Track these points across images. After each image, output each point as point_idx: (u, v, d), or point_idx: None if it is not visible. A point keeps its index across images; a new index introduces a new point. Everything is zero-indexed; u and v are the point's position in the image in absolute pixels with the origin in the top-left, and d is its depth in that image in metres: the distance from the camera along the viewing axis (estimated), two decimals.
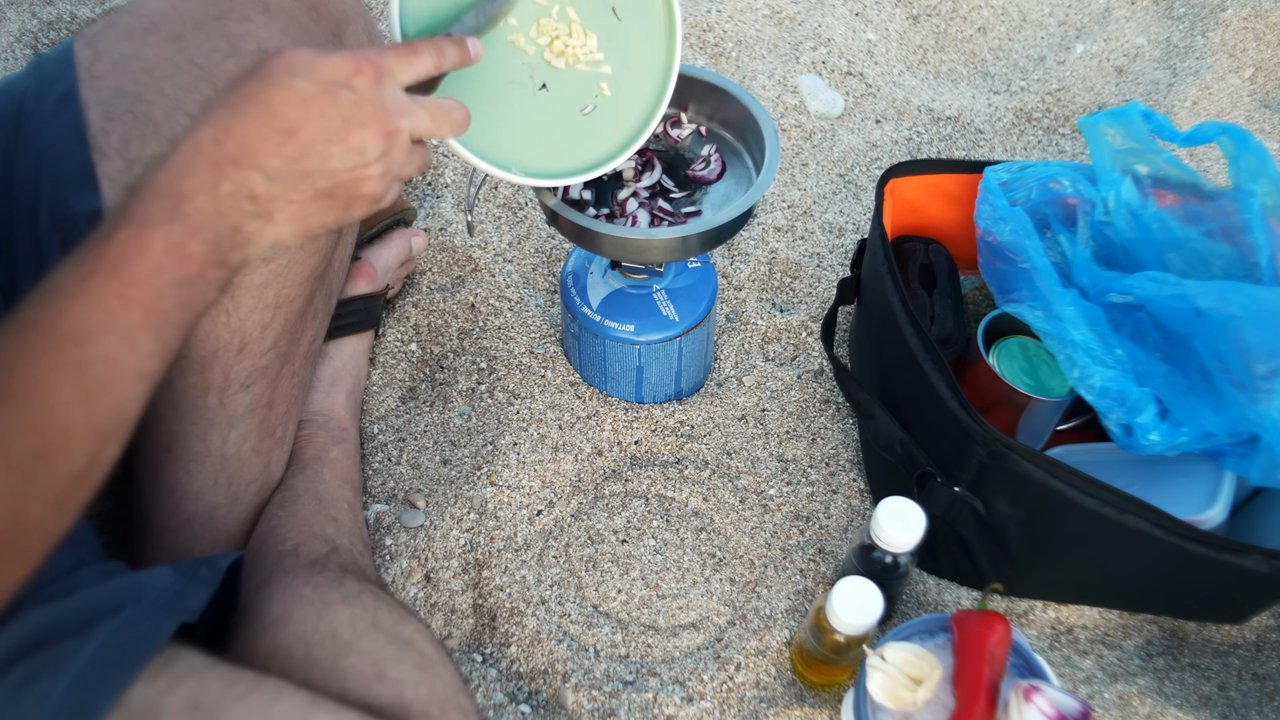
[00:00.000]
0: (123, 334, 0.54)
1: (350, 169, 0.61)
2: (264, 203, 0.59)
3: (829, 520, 1.05)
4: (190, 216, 0.56)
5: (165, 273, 0.55)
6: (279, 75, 0.59)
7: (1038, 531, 0.89)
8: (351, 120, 0.60)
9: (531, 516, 1.03)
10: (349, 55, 0.61)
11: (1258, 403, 0.82)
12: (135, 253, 0.55)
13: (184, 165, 0.57)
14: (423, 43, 0.65)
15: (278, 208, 0.60)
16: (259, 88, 0.58)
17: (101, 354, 0.53)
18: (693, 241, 0.90)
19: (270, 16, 0.80)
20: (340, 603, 0.73)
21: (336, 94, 0.59)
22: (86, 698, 0.56)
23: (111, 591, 0.64)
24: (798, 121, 1.44)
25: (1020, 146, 1.45)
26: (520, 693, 0.93)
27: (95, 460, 0.54)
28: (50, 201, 0.74)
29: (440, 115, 0.65)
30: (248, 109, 0.58)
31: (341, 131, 0.60)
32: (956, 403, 0.87)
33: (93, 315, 0.53)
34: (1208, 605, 0.95)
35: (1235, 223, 0.93)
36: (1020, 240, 0.94)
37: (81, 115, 0.75)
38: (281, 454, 0.92)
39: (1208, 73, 1.49)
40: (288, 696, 0.61)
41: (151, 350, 0.55)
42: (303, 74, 0.59)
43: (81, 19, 1.46)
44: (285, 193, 0.59)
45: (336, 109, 0.59)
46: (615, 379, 1.10)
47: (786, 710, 0.91)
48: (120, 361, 0.54)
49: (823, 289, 1.25)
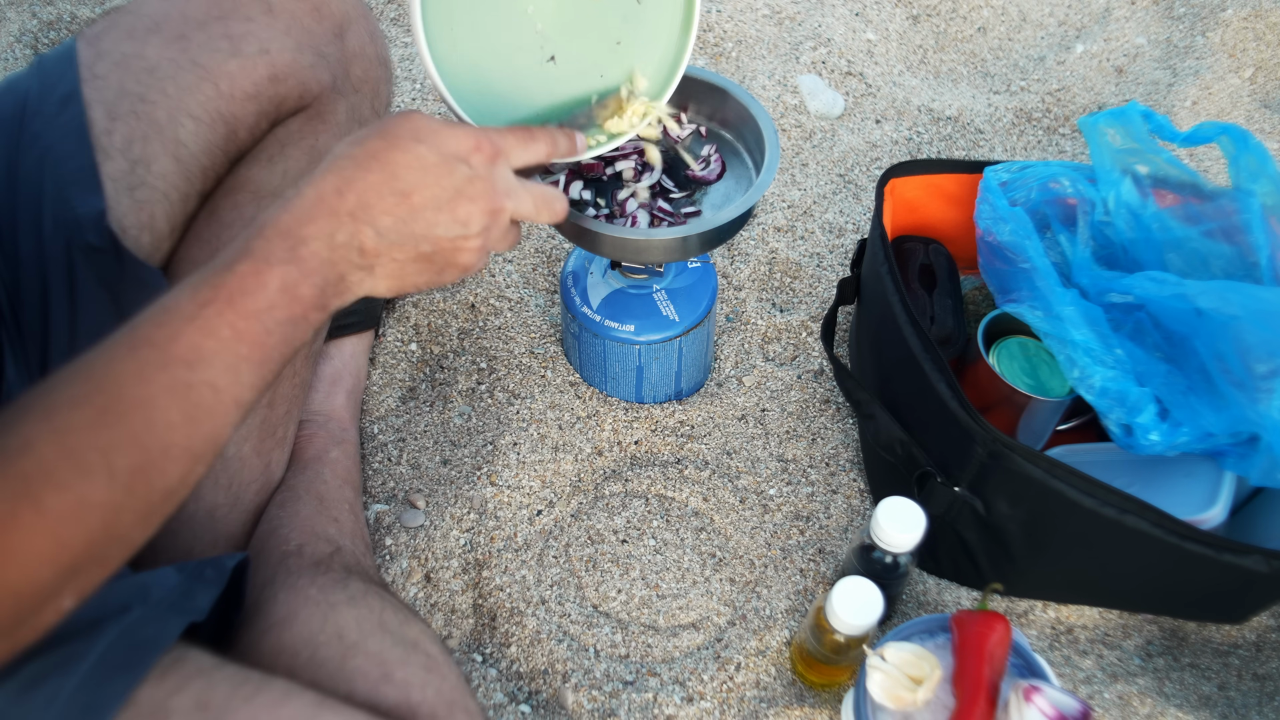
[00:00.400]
0: (230, 363, 0.56)
1: (452, 238, 0.64)
2: (370, 256, 0.62)
3: (829, 520, 1.05)
4: (305, 260, 0.59)
5: (276, 310, 0.58)
6: (405, 140, 0.62)
7: (1038, 531, 0.90)
8: (462, 194, 0.63)
9: (531, 516, 1.03)
10: (471, 131, 0.64)
11: (1258, 403, 0.82)
12: (253, 287, 0.57)
13: (306, 210, 0.60)
14: (539, 130, 0.69)
15: (380, 263, 0.62)
16: (384, 147, 0.61)
17: (209, 380, 0.55)
18: (693, 241, 0.90)
19: (273, 17, 0.80)
20: (346, 603, 0.73)
21: (454, 167, 0.63)
22: (95, 698, 0.56)
23: (118, 592, 0.64)
24: (798, 121, 1.44)
25: (1020, 146, 1.45)
26: (520, 693, 0.93)
27: (186, 479, 0.56)
28: (54, 202, 0.74)
29: (543, 204, 0.69)
30: (371, 166, 0.61)
31: (452, 202, 0.63)
32: (956, 403, 0.87)
33: (205, 341, 0.55)
34: (1208, 605, 0.95)
35: (1235, 223, 0.93)
36: (1020, 240, 0.94)
37: (84, 115, 0.75)
38: (282, 454, 0.92)
39: (1208, 73, 1.49)
40: (295, 697, 0.61)
41: (251, 382, 0.57)
42: (427, 141, 0.62)
43: (82, 19, 1.46)
44: (390, 250, 0.62)
45: (451, 180, 0.62)
46: (615, 379, 1.10)
47: (786, 710, 0.91)
48: (224, 389, 0.56)
49: (823, 289, 1.25)
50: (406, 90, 1.45)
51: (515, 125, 0.67)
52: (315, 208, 0.60)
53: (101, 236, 0.74)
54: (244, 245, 0.59)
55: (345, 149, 0.62)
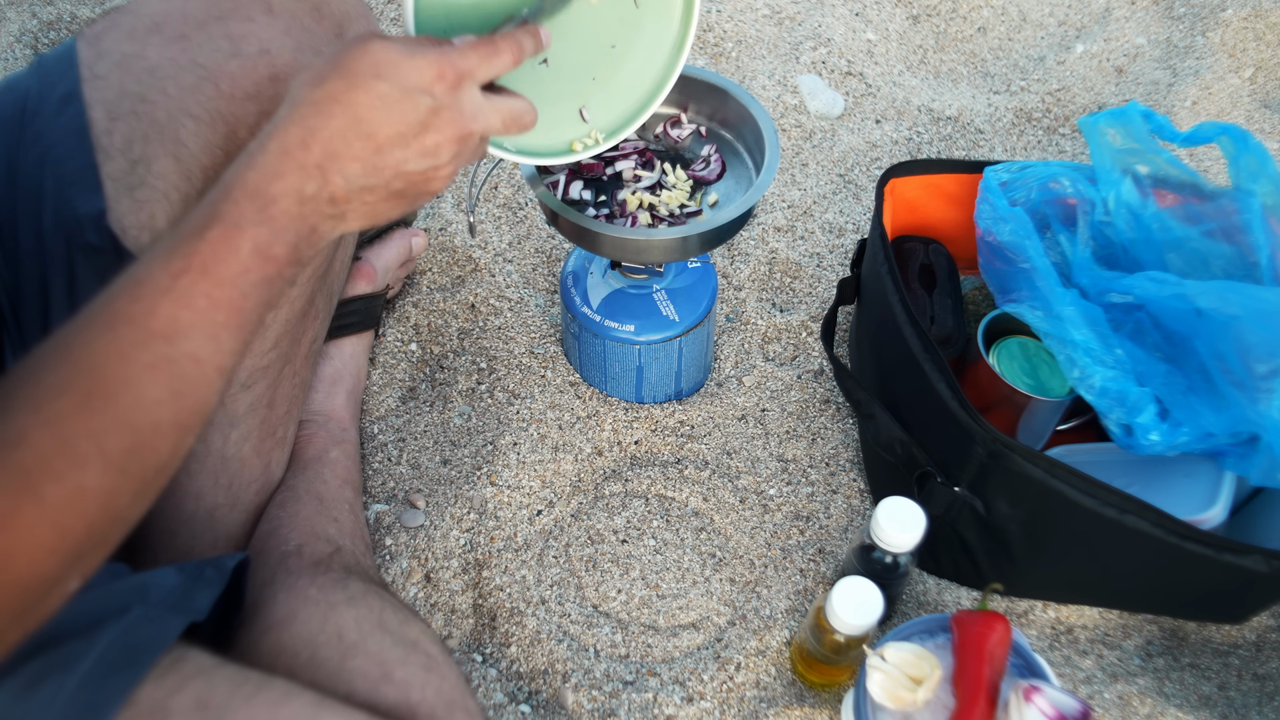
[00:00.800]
0: (209, 332, 0.56)
1: (423, 170, 0.63)
2: (341, 204, 0.61)
3: (829, 520, 1.05)
4: (276, 219, 0.58)
5: (251, 273, 0.57)
6: (364, 77, 0.60)
7: (1038, 531, 0.90)
8: (428, 126, 0.62)
9: (531, 516, 1.03)
10: (432, 58, 0.62)
11: (1258, 403, 0.82)
12: (225, 254, 0.56)
13: (273, 167, 0.59)
14: (502, 39, 0.67)
15: (352, 208, 0.62)
16: (343, 88, 0.60)
17: (189, 352, 0.55)
18: (693, 241, 0.90)
19: (273, 17, 0.80)
20: (346, 603, 0.73)
21: (417, 100, 0.61)
22: (95, 697, 0.56)
23: (118, 592, 0.64)
24: (798, 121, 1.44)
25: (1020, 146, 1.45)
26: (520, 693, 0.93)
27: (176, 453, 0.56)
28: (54, 201, 0.74)
29: (512, 119, 0.68)
30: (333, 110, 0.59)
31: (419, 136, 0.62)
32: (956, 403, 0.87)
33: (182, 313, 0.55)
34: (1208, 605, 0.95)
35: (1235, 223, 0.93)
36: (1020, 240, 0.94)
37: (85, 115, 0.75)
38: (282, 454, 0.92)
39: (1208, 73, 1.49)
40: (296, 697, 0.61)
41: (232, 348, 0.57)
42: (388, 76, 0.60)
43: (81, 19, 1.46)
44: (361, 194, 0.62)
45: (416, 114, 0.61)
46: (615, 379, 1.10)
47: (786, 710, 0.91)
48: (205, 359, 0.56)
49: (823, 289, 1.25)
50: None
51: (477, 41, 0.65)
52: (281, 163, 0.59)
53: (102, 236, 0.74)
54: (212, 209, 0.58)
55: (304, 92, 0.60)
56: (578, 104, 0.85)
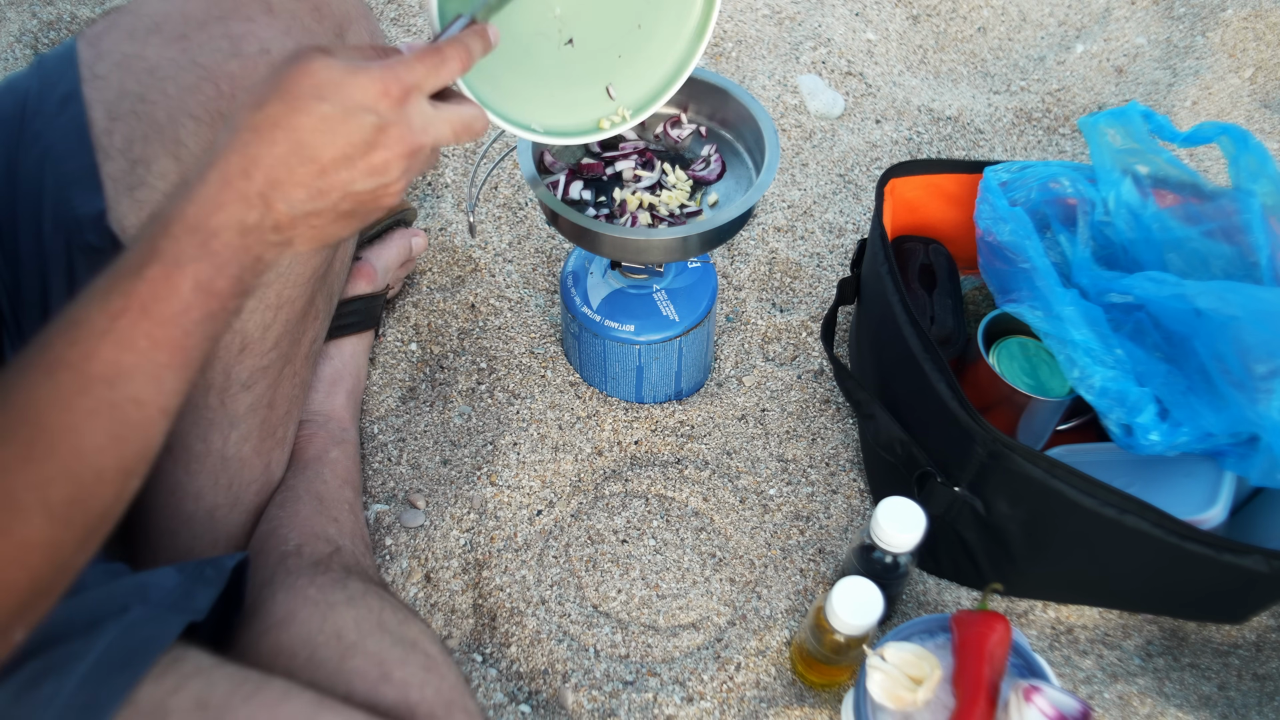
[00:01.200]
0: (151, 374, 0.54)
1: (372, 189, 0.61)
2: (286, 230, 0.59)
3: (829, 520, 1.05)
4: (218, 253, 0.56)
5: (193, 310, 0.55)
6: (305, 99, 0.57)
7: (1038, 531, 0.90)
8: (375, 144, 0.59)
9: (531, 516, 1.03)
10: (376, 75, 0.59)
11: (1258, 403, 0.82)
12: (165, 292, 0.54)
13: (213, 199, 0.56)
14: (449, 45, 0.64)
15: (298, 232, 0.60)
16: (284, 112, 0.57)
17: (132, 395, 0.53)
18: (693, 241, 0.90)
19: (273, 17, 0.80)
20: (345, 603, 0.73)
21: (361, 119, 0.58)
22: (95, 697, 0.56)
23: (117, 592, 0.64)
24: (798, 121, 1.44)
25: (1020, 146, 1.45)
26: (520, 693, 0.93)
27: (120, 497, 0.55)
28: (54, 201, 0.74)
29: (463, 129, 0.65)
30: (275, 137, 0.57)
31: (365, 156, 0.59)
32: (956, 403, 0.87)
33: (123, 356, 0.53)
34: (1208, 605, 0.95)
35: (1235, 223, 0.93)
36: (1020, 240, 0.94)
37: (85, 115, 0.75)
38: (282, 454, 0.92)
39: (1208, 73, 1.49)
40: (295, 696, 0.61)
41: (176, 387, 0.56)
42: (329, 98, 0.57)
43: (82, 19, 1.46)
44: (307, 219, 0.59)
45: (361, 134, 0.58)
46: (615, 379, 1.10)
47: (786, 710, 0.91)
48: (148, 401, 0.54)
49: (823, 289, 1.25)
50: None
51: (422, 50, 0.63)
52: (222, 194, 0.56)
53: (102, 237, 0.74)
54: (150, 245, 0.55)
55: (244, 116, 0.58)
56: (604, 82, 0.84)
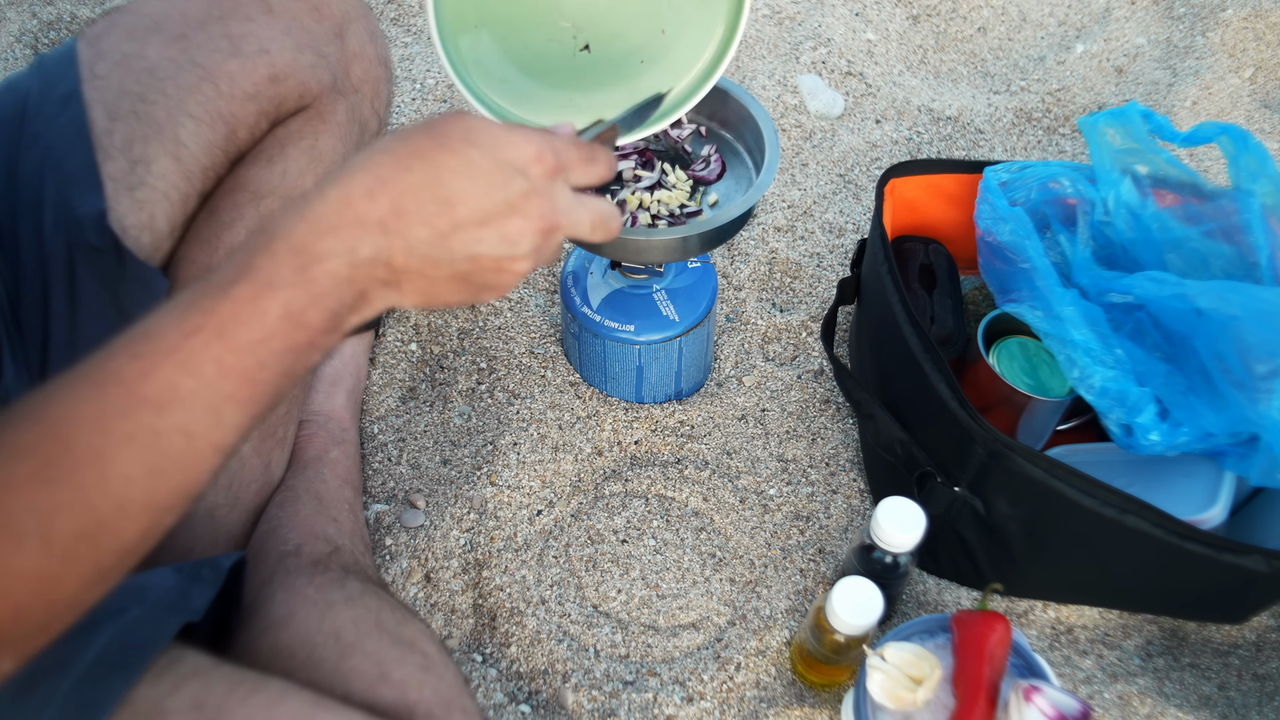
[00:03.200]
0: (210, 405, 0.48)
1: (496, 257, 0.55)
2: (398, 273, 0.53)
3: (829, 520, 1.05)
4: (318, 281, 0.50)
5: (274, 340, 0.49)
6: (455, 140, 0.53)
7: (1038, 531, 0.90)
8: (516, 209, 0.54)
9: (531, 516, 1.03)
10: (534, 138, 0.55)
11: (1258, 403, 0.82)
12: (249, 316, 0.49)
13: (328, 218, 0.51)
14: (602, 152, 0.61)
15: (409, 279, 0.54)
16: (430, 145, 0.53)
17: (182, 425, 0.47)
18: (693, 241, 0.90)
19: (272, 17, 0.80)
20: (343, 603, 0.73)
21: (510, 177, 0.54)
22: (91, 698, 0.56)
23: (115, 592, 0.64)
24: (798, 121, 1.44)
25: (1020, 146, 1.45)
26: (520, 693, 0.93)
27: (147, 537, 0.49)
28: (54, 202, 0.74)
29: (600, 224, 0.60)
30: (413, 165, 0.52)
31: (503, 218, 0.54)
32: (956, 403, 0.87)
33: (183, 380, 0.47)
34: (1208, 605, 0.95)
35: (1235, 223, 0.93)
36: (1020, 240, 0.94)
37: (85, 115, 0.75)
38: (282, 454, 0.92)
39: (1208, 73, 1.49)
40: (292, 697, 0.61)
41: (237, 423, 0.50)
42: (481, 145, 0.53)
43: (81, 19, 1.46)
44: (423, 267, 0.53)
45: (505, 193, 0.54)
46: (615, 379, 1.10)
47: (786, 710, 0.91)
48: (200, 435, 0.48)
49: (823, 289, 1.25)
50: (407, 90, 1.45)
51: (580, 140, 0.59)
52: (339, 214, 0.51)
53: (102, 236, 0.74)
54: (247, 259, 0.50)
55: (385, 143, 0.53)
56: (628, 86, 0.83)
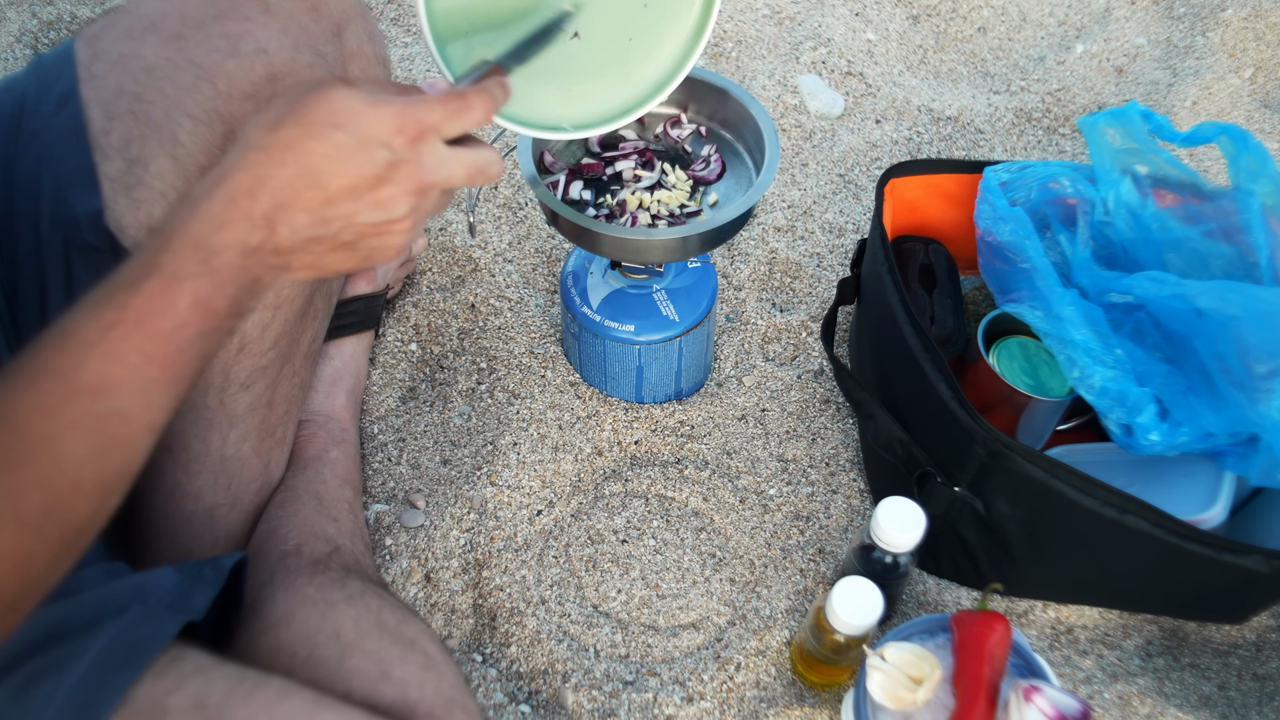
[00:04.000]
0: (140, 389, 0.54)
1: (375, 224, 0.60)
2: (286, 254, 0.59)
3: (829, 520, 1.05)
4: (218, 271, 0.56)
5: (188, 327, 0.55)
6: (320, 126, 0.57)
7: (1038, 531, 0.90)
8: (383, 179, 0.59)
9: (531, 516, 1.03)
10: (394, 110, 0.59)
11: (1258, 403, 0.82)
12: (161, 307, 0.54)
13: (217, 216, 0.56)
14: (474, 94, 0.63)
15: (298, 258, 0.60)
16: (298, 135, 0.57)
17: (117, 408, 0.53)
18: (693, 241, 0.90)
19: (270, 16, 0.79)
20: (344, 602, 0.73)
21: (374, 152, 0.58)
22: (93, 696, 0.56)
23: (116, 592, 0.64)
24: (798, 121, 1.44)
25: (1020, 146, 1.45)
26: (520, 693, 0.93)
27: (99, 512, 0.54)
28: (51, 201, 0.74)
29: (477, 172, 0.64)
30: (285, 159, 0.57)
31: (372, 189, 0.59)
32: (956, 403, 0.87)
33: (112, 369, 0.53)
34: (1208, 605, 0.95)
35: (1235, 223, 0.93)
36: (1020, 240, 0.94)
37: (82, 115, 0.75)
38: (282, 454, 0.92)
39: (1208, 73, 1.49)
40: (293, 695, 0.61)
41: (164, 404, 0.55)
42: (345, 126, 0.57)
43: (81, 19, 1.46)
44: (307, 245, 0.59)
45: (371, 167, 0.58)
46: (615, 379, 1.10)
47: (786, 710, 0.91)
48: (134, 416, 0.54)
49: (823, 289, 1.25)
50: None
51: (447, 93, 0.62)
52: (227, 211, 0.56)
53: (99, 236, 0.74)
54: (150, 259, 0.55)
55: (257, 135, 0.58)
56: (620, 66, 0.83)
